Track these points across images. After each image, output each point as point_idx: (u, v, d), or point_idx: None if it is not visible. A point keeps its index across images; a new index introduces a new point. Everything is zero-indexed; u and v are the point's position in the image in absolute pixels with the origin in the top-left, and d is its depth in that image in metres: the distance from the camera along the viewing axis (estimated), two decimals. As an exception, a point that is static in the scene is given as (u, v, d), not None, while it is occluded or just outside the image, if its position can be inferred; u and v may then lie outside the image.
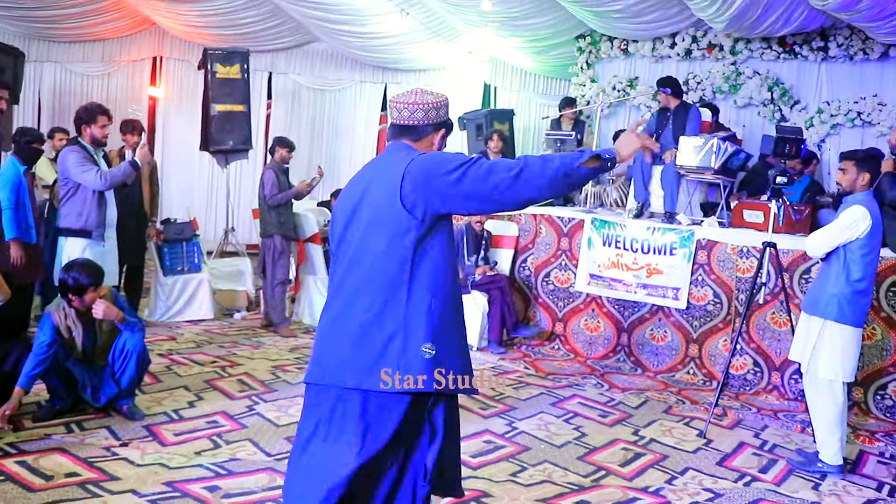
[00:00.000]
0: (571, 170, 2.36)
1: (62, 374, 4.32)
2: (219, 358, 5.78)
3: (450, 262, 2.52)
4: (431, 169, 2.39)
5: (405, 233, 2.43)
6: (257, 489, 3.64)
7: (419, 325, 2.43)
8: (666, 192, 6.45)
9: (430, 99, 2.59)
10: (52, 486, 3.52)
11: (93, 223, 5.02)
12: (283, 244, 6.70)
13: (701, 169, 6.18)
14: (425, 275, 2.45)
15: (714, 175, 6.17)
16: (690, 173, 6.33)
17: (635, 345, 6.27)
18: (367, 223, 2.50)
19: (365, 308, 2.47)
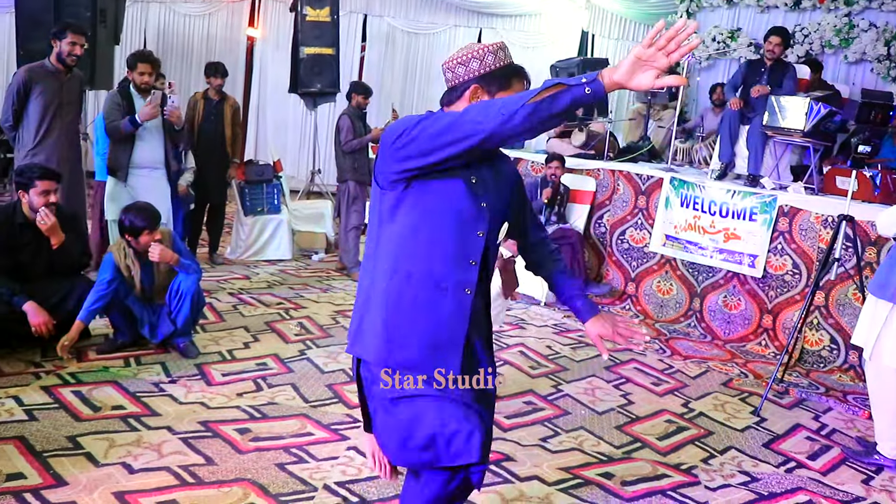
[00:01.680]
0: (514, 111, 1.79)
1: (123, 310, 4.53)
2: (285, 300, 5.92)
3: (440, 236, 2.08)
4: (390, 134, 2.04)
5: (375, 201, 2.18)
6: (285, 434, 3.72)
7: (375, 306, 2.14)
8: (750, 152, 6.03)
9: (466, 51, 2.12)
10: (97, 417, 3.72)
11: (116, 164, 5.38)
12: (356, 189, 6.74)
13: (789, 130, 5.73)
14: (390, 250, 2.12)
15: (803, 138, 5.71)
16: (778, 135, 5.88)
17: (707, 311, 5.98)
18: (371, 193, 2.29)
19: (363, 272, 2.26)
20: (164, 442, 3.54)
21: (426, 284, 2.09)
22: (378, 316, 2.13)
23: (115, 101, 5.34)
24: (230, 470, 3.34)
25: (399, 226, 2.09)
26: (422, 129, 1.95)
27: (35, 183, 4.21)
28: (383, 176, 2.09)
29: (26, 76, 4.93)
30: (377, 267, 2.14)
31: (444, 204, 2.07)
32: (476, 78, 2.09)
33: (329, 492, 3.25)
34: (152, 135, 5.40)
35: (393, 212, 2.09)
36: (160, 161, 5.49)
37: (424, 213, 2.07)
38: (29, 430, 3.53)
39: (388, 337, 2.11)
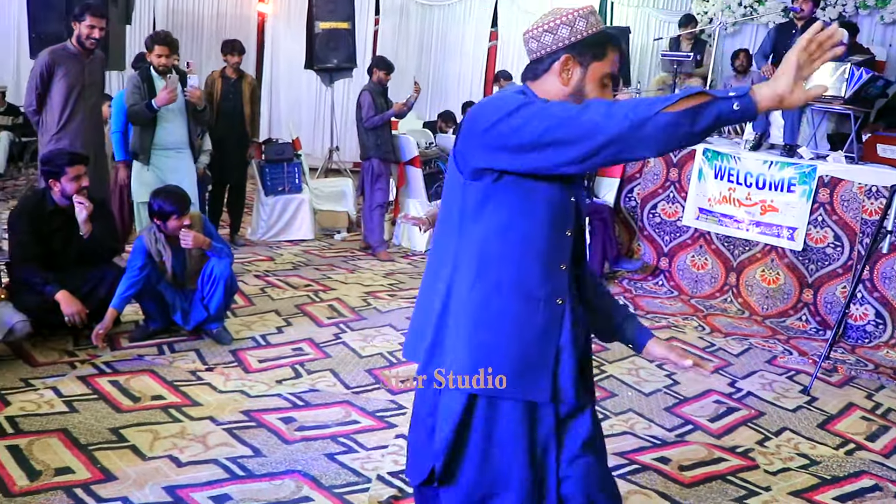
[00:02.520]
0: (644, 119, 1.51)
1: (155, 296, 4.43)
2: (313, 281, 5.82)
3: (533, 240, 1.82)
4: (479, 116, 1.76)
5: (455, 192, 1.88)
6: (331, 423, 3.63)
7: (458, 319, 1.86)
8: (786, 122, 5.87)
9: (553, 17, 1.84)
10: (138, 408, 3.63)
11: (137, 147, 5.33)
12: (380, 167, 6.59)
13: (829, 98, 5.57)
14: (474, 252, 1.84)
15: (844, 105, 5.55)
16: (816, 102, 5.72)
17: (744, 285, 5.87)
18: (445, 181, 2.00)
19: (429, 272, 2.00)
20: (208, 433, 3.45)
21: (517, 294, 1.82)
22: (462, 331, 1.85)
23: (134, 84, 5.26)
24: (279, 461, 3.26)
25: (485, 224, 1.82)
26: (525, 118, 1.66)
27: (65, 170, 4.09)
28: (466, 164, 1.81)
29: (49, 59, 4.79)
30: (458, 271, 1.86)
31: (537, 199, 1.80)
32: (567, 47, 1.82)
33: (384, 483, 3.16)
34: (175, 116, 5.33)
35: (479, 208, 1.81)
36: (184, 142, 5.44)
37: (516, 210, 1.80)
38: (71, 422, 3.44)
39: (474, 357, 1.83)
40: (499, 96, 1.82)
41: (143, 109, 5.14)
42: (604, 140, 1.55)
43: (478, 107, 1.83)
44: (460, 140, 1.84)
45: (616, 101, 1.59)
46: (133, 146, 5.38)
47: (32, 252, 4.14)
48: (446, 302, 1.88)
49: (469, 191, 1.83)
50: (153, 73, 5.28)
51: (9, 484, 2.94)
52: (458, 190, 1.86)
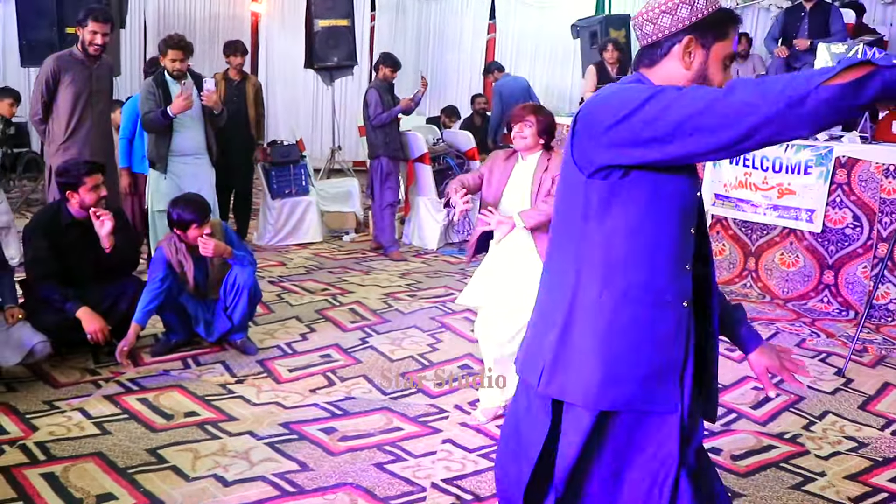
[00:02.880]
0: (804, 94, 1.36)
1: (177, 308, 4.29)
2: (329, 285, 5.69)
3: (661, 241, 1.70)
4: (601, 112, 1.64)
5: (575, 192, 1.74)
6: (374, 431, 3.52)
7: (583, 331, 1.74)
8: (801, 103, 5.80)
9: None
10: (172, 426, 3.50)
11: (154, 155, 5.14)
12: (389, 165, 6.47)
13: (844, 77, 5.49)
14: (597, 256, 1.72)
15: (859, 84, 5.48)
16: (831, 82, 5.65)
17: (763, 270, 5.80)
18: (559, 178, 1.87)
19: (544, 281, 1.89)
20: (250, 449, 3.33)
21: (646, 299, 1.71)
22: (590, 343, 1.72)
23: (148, 91, 5.06)
24: (328, 475, 3.14)
25: (611, 225, 1.69)
26: (660, 108, 1.52)
27: (83, 180, 3.94)
28: (590, 162, 1.68)
29: (55, 65, 4.62)
30: (581, 279, 1.73)
31: (664, 195, 1.68)
32: (688, 28, 1.68)
33: (439, 490, 3.06)
34: (192, 121, 5.14)
35: (603, 207, 1.68)
36: (202, 148, 5.25)
37: (643, 209, 1.67)
38: (105, 445, 3.31)
39: (605, 370, 1.71)
40: (619, 89, 1.69)
41: (159, 117, 4.96)
42: (758, 121, 1.42)
43: (596, 103, 1.69)
44: (579, 139, 1.71)
45: (764, 79, 1.47)
46: (149, 154, 5.21)
47: (50, 268, 3.99)
48: (570, 313, 1.75)
49: (592, 190, 1.69)
50: (168, 78, 5.11)
51: (51, 514, 2.81)
52: (577, 190, 1.72)
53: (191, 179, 5.11)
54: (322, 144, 9.20)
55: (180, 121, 5.04)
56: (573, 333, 1.75)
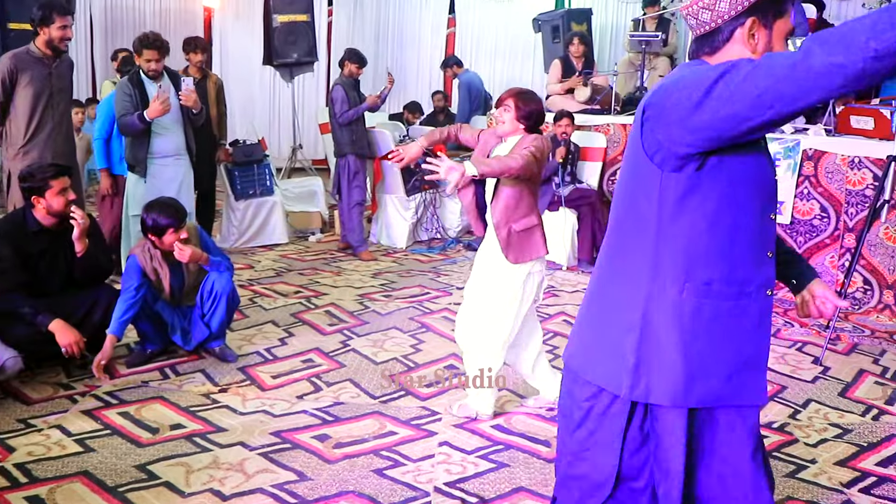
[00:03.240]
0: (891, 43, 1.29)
1: (152, 317, 4.17)
2: (302, 287, 5.61)
3: (737, 232, 1.69)
4: (673, 100, 1.60)
5: (648, 187, 1.71)
6: (368, 436, 3.48)
7: (663, 329, 1.72)
8: (766, 96, 5.92)
9: None
10: (159, 440, 3.40)
11: (132, 158, 5.00)
12: (357, 163, 6.39)
13: (808, 70, 5.63)
14: (676, 249, 1.69)
15: (823, 77, 5.62)
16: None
17: (733, 262, 5.92)
18: (622, 173, 1.85)
19: (606, 279, 1.86)
20: (244, 460, 3.26)
21: (729, 292, 1.69)
22: (674, 341, 1.69)
23: (125, 92, 4.86)
24: (328, 483, 3.09)
25: (690, 218, 1.66)
26: (736, 84, 1.48)
27: (50, 184, 3.78)
28: (668, 154, 1.64)
29: (11, 64, 4.42)
30: (659, 276, 1.70)
31: (746, 183, 1.66)
32: (749, 9, 1.65)
33: (443, 494, 3.04)
34: (171, 122, 4.96)
35: (682, 200, 1.66)
36: (182, 149, 5.09)
37: (723, 198, 1.65)
38: (90, 463, 3.20)
39: (689, 368, 1.69)
40: (687, 73, 1.64)
41: (136, 122, 4.78)
42: (843, 81, 1.36)
43: (666, 89, 1.65)
44: (650, 129, 1.67)
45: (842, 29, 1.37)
46: (127, 157, 5.04)
47: (17, 279, 3.82)
48: (647, 312, 1.72)
49: (668, 184, 1.67)
50: (144, 77, 4.93)
51: (41, 538, 2.71)
52: (651, 186, 1.69)
53: (171, 182, 4.97)
54: (280, 143, 9.06)
55: (159, 122, 4.87)
56: (654, 333, 1.72)
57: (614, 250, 1.85)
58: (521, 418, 3.71)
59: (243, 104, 9.45)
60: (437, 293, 5.55)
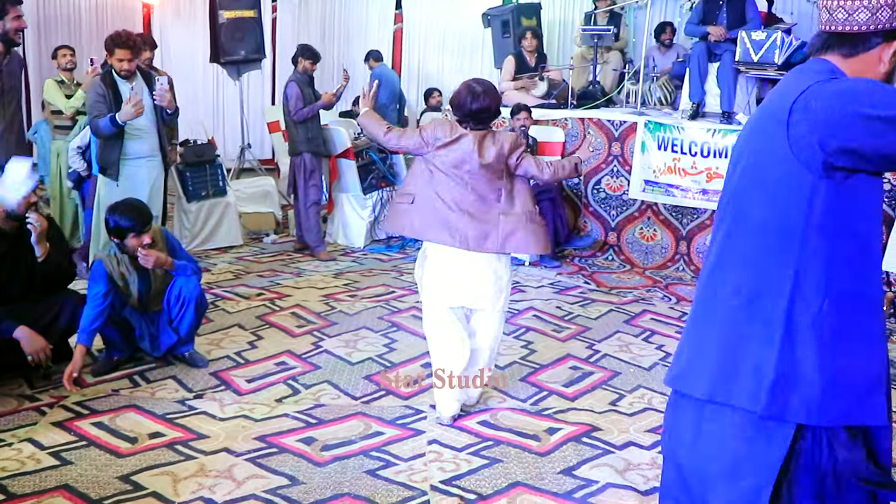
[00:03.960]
0: None
1: (119, 323, 4.08)
2: (263, 290, 5.55)
3: (870, 245, 1.69)
4: (842, 101, 1.59)
5: (793, 195, 1.67)
6: (355, 438, 3.49)
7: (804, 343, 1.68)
8: (723, 90, 6.14)
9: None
10: (140, 450, 3.34)
11: (105, 161, 4.90)
12: (313, 162, 6.34)
13: (763, 65, 5.86)
14: (820, 260, 1.66)
15: (777, 71, 5.86)
16: (751, 69, 6.00)
17: (695, 253, 6.10)
18: (744, 174, 1.80)
19: (732, 291, 1.78)
20: (232, 466, 3.23)
21: (865, 305, 1.68)
22: (811, 358, 1.66)
23: (97, 93, 4.76)
24: (322, 486, 3.10)
25: (833, 229, 1.64)
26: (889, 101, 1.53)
27: None
28: (817, 159, 1.62)
29: None
30: (800, 287, 1.67)
31: (870, 194, 1.66)
32: (888, 30, 1.68)
33: (440, 493, 3.07)
34: (143, 122, 4.86)
35: (828, 210, 1.64)
36: (155, 149, 5.00)
37: (861, 210, 1.65)
38: (70, 476, 3.13)
39: (827, 385, 1.66)
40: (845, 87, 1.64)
41: (108, 125, 4.69)
42: None
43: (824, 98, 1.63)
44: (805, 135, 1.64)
45: None
46: (99, 159, 4.93)
47: (-23, 287, 3.71)
48: (788, 326, 1.68)
49: (818, 191, 1.64)
50: (116, 78, 4.83)
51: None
52: (800, 191, 1.66)
53: (143, 184, 4.88)
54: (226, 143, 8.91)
55: (132, 123, 4.77)
56: (795, 348, 1.68)
57: (740, 262, 1.79)
58: (507, 414, 3.77)
59: (186, 103, 9.22)
60: (402, 292, 5.57)
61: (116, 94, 4.79)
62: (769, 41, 5.75)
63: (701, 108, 6.31)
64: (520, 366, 4.34)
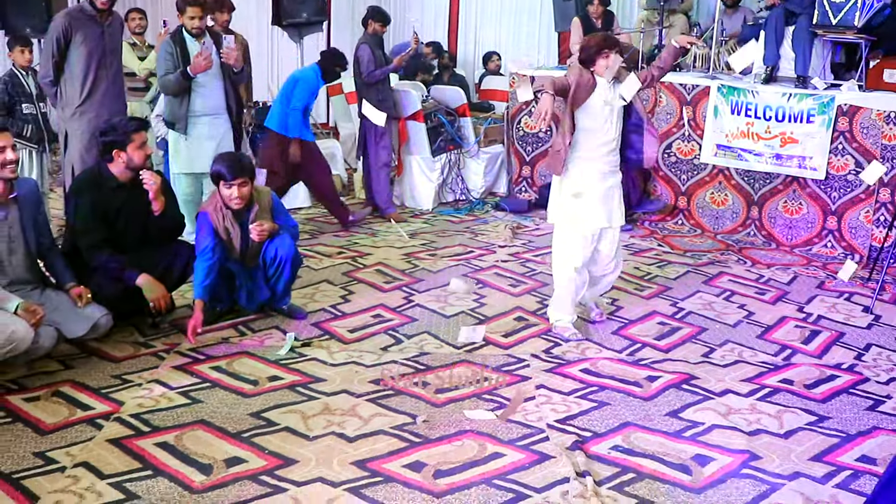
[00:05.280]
0: None
1: (225, 276, 4.38)
2: (343, 248, 5.84)
3: None
4: None
5: None
6: (465, 383, 3.77)
7: None
8: (798, 54, 6.28)
9: None
10: (263, 391, 3.65)
11: (174, 116, 5.26)
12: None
13: (841, 27, 6.02)
14: None
15: (856, 34, 6.01)
16: (829, 33, 6.16)
17: (767, 218, 6.31)
18: None
19: None
20: (354, 406, 3.54)
21: None
22: None
23: (166, 51, 5.13)
24: (446, 424, 3.39)
25: None
26: None
27: (132, 137, 3.97)
28: None
29: (66, 22, 4.57)
30: None
31: None
32: None
33: (557, 430, 3.35)
34: (211, 80, 5.22)
35: None
36: (222, 107, 5.35)
37: None
38: (204, 412, 3.45)
39: None
40: None
41: (178, 78, 5.06)
42: None
43: None
44: None
45: None
46: (168, 115, 5.28)
47: (102, 235, 4.01)
48: None
49: None
50: (186, 36, 5.15)
51: (187, 482, 2.94)
52: None
53: (210, 140, 5.27)
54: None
55: (199, 80, 5.12)
56: None
57: None
58: (605, 363, 4.04)
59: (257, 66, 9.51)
60: (481, 251, 5.84)
61: (185, 52, 5.13)
62: (849, 3, 5.90)
63: (775, 71, 6.48)
64: (609, 320, 4.61)
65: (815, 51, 6.33)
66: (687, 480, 3.04)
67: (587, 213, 4.23)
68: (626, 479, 3.04)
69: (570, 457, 3.13)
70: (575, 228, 4.26)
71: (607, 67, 4.15)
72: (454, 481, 2.98)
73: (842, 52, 6.70)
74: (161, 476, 2.96)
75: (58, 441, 3.17)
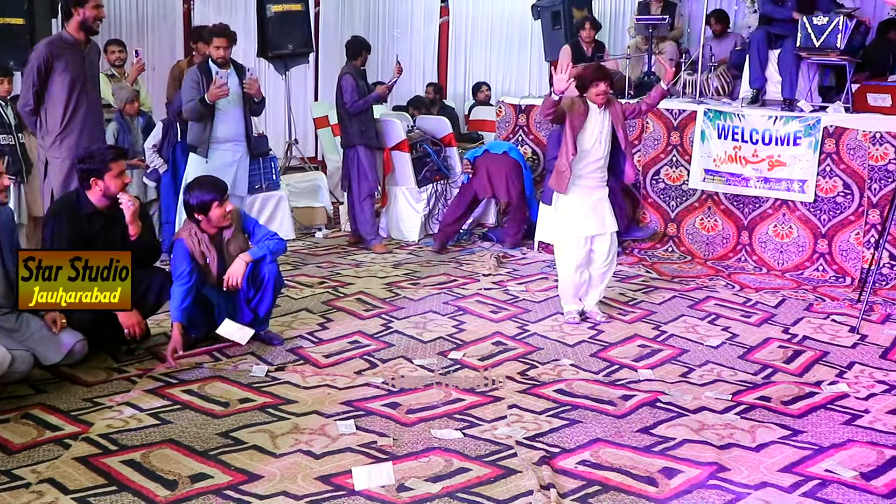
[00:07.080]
0: None
1: (201, 301, 4.56)
2: (325, 278, 6.03)
3: None
4: None
5: None
6: (437, 403, 3.92)
7: None
8: (784, 77, 6.54)
9: None
10: (234, 412, 3.80)
11: (196, 140, 5.67)
12: (367, 155, 6.82)
13: (824, 50, 6.26)
14: None
15: (840, 56, 6.25)
16: (813, 55, 6.41)
17: (757, 242, 6.49)
18: None
19: None
20: (324, 425, 3.68)
21: None
22: None
23: (192, 80, 5.57)
24: (413, 442, 3.53)
25: None
26: None
27: (110, 166, 4.18)
28: None
29: (47, 52, 4.81)
30: None
31: None
32: None
33: (525, 447, 3.49)
34: (232, 108, 5.66)
35: None
36: (241, 135, 5.80)
37: None
38: (173, 432, 3.59)
39: None
40: None
41: (198, 105, 5.48)
42: None
43: None
44: None
45: None
46: (191, 139, 5.68)
47: (71, 262, 4.20)
48: None
49: None
50: (212, 66, 5.59)
51: (151, 496, 3.08)
52: None
53: (229, 167, 5.66)
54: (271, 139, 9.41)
55: (220, 107, 5.57)
56: None
57: None
58: (581, 383, 4.19)
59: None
60: (464, 280, 6.02)
61: (210, 81, 5.51)
62: (831, 26, 6.15)
63: (761, 94, 6.71)
64: (589, 343, 4.77)
65: (801, 73, 6.57)
66: (652, 492, 3.17)
67: (579, 221, 5.02)
68: (590, 491, 3.17)
69: (535, 471, 3.26)
70: (570, 233, 5.04)
71: (597, 95, 4.90)
72: (416, 494, 3.12)
73: (831, 76, 6.95)
74: (125, 491, 3.10)
75: (24, 460, 3.32)
